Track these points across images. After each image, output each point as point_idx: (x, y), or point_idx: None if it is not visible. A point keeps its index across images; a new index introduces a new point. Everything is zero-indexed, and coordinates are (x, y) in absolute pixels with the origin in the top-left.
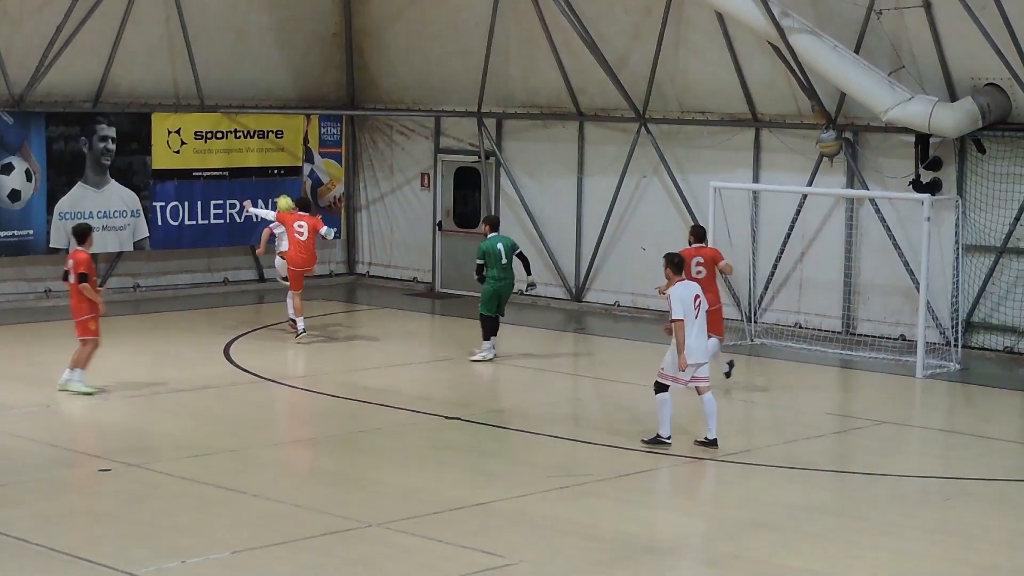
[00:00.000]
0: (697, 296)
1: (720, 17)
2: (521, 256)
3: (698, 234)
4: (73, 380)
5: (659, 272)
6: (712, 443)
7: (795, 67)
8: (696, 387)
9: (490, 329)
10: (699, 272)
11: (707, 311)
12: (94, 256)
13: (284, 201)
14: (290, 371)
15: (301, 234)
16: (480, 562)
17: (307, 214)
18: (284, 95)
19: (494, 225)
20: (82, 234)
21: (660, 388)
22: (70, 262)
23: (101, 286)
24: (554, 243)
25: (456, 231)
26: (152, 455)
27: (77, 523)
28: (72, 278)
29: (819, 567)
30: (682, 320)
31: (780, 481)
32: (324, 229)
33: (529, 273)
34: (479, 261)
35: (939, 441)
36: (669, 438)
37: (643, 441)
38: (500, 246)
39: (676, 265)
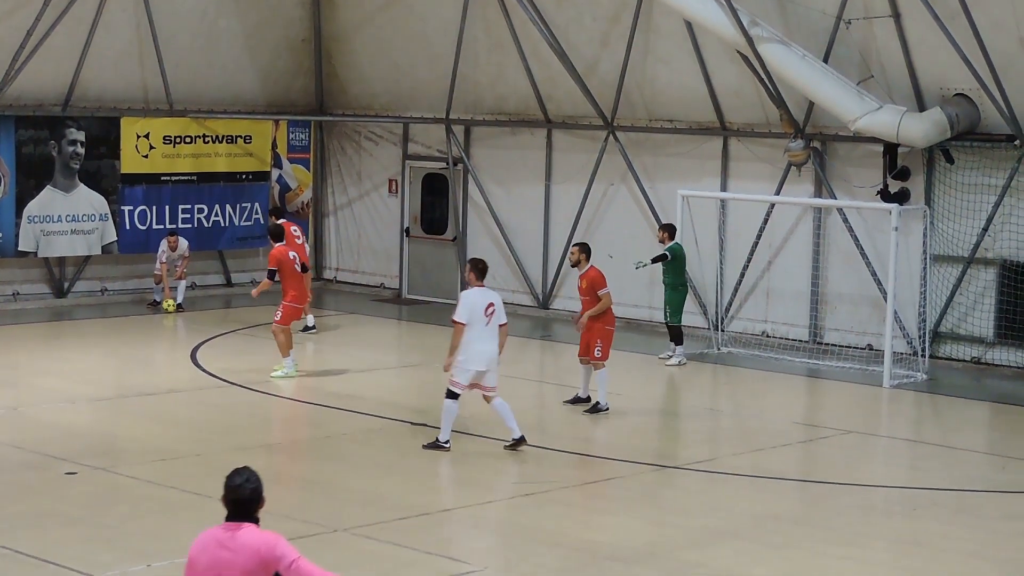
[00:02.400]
0: (491, 304)
1: (689, 25)
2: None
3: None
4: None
5: (626, 280)
6: (521, 440)
7: (764, 76)
8: (483, 395)
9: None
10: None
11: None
12: (61, 260)
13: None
14: (257, 376)
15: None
16: (446, 568)
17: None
18: (253, 100)
19: (672, 233)
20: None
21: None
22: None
23: (69, 291)
24: (521, 250)
25: (424, 237)
26: (118, 458)
27: (43, 526)
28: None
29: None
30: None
31: (746, 490)
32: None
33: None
34: (664, 256)
35: (905, 451)
36: (447, 443)
37: (423, 446)
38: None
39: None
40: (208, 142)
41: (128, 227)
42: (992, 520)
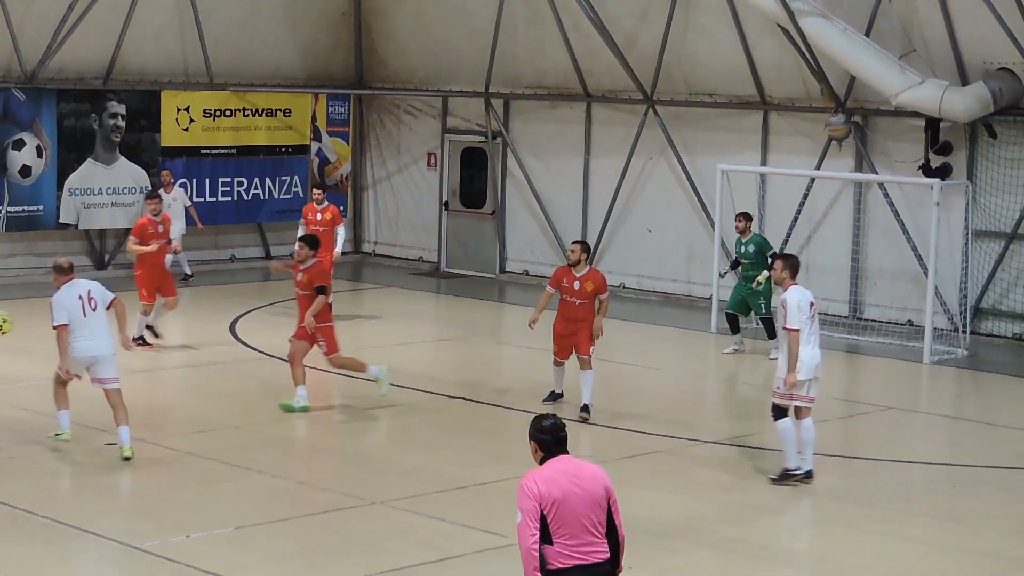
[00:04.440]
0: (812, 303)
1: None
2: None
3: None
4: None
5: (664, 253)
6: (807, 476)
7: (804, 50)
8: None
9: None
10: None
11: None
12: (102, 232)
13: None
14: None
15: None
16: (482, 541)
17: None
18: (292, 74)
19: (750, 220)
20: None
21: (779, 412)
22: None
23: (109, 263)
24: (560, 224)
25: (462, 211)
26: (157, 431)
27: (83, 496)
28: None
29: (823, 552)
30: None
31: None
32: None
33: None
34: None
35: (946, 427)
36: (798, 469)
37: (771, 479)
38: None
39: (793, 268)
40: (248, 115)
41: None
42: None
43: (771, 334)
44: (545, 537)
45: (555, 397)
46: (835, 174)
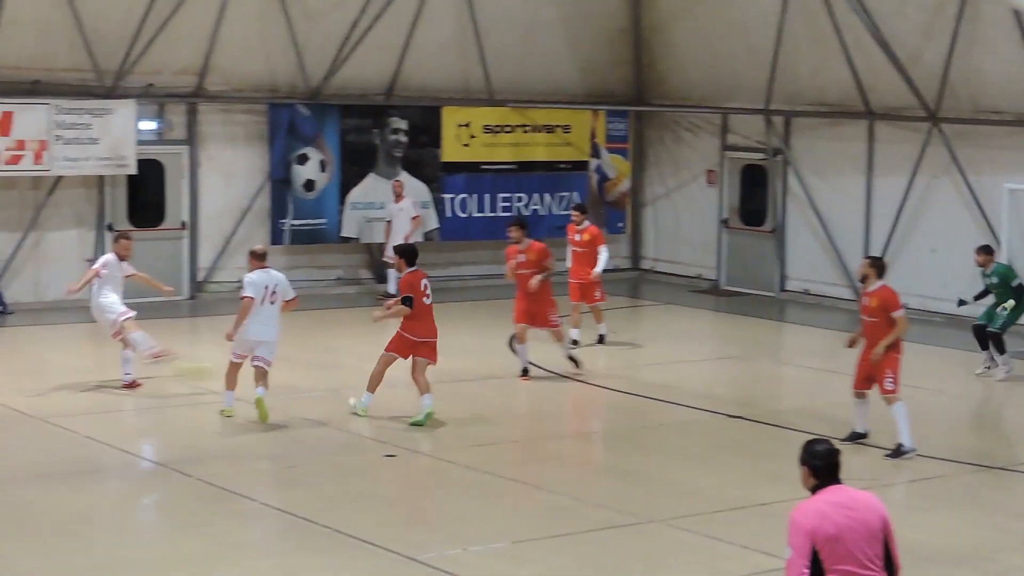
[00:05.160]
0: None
1: (1017, 14)
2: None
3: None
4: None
5: (949, 274)
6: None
7: None
8: None
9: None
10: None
11: None
12: (382, 245)
13: None
14: (568, 364)
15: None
16: (761, 563)
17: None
18: (572, 90)
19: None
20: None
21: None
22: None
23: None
24: (841, 243)
25: (742, 228)
26: (436, 443)
27: (361, 507)
28: None
29: None
30: None
31: None
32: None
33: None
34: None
35: None
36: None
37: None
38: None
39: None
40: (528, 131)
41: (449, 214)
42: None
43: (999, 348)
44: (820, 573)
45: (855, 437)
46: None
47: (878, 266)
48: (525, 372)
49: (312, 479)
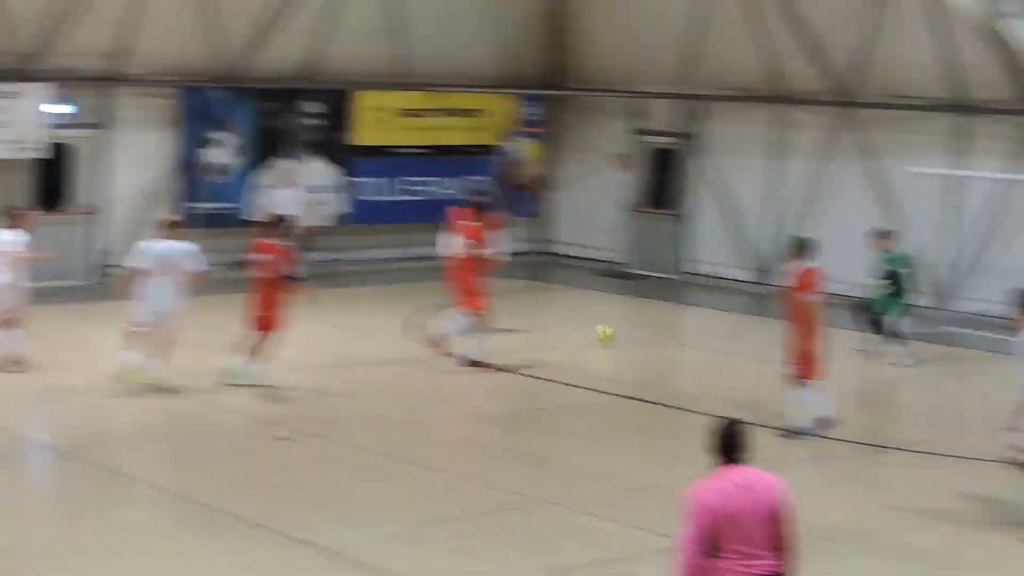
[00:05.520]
0: None
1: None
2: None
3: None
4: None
5: (858, 257)
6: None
7: (1008, 49)
8: None
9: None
10: None
11: None
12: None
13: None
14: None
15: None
16: (656, 544)
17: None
18: (488, 75)
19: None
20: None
21: None
22: None
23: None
24: (748, 226)
25: (651, 212)
26: (335, 426)
27: (257, 490)
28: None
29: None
30: None
31: (963, 472)
32: None
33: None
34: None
35: None
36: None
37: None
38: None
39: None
40: (443, 115)
41: (362, 198)
42: None
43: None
44: (713, 551)
45: (819, 425)
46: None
47: (797, 246)
48: (477, 363)
49: (208, 462)
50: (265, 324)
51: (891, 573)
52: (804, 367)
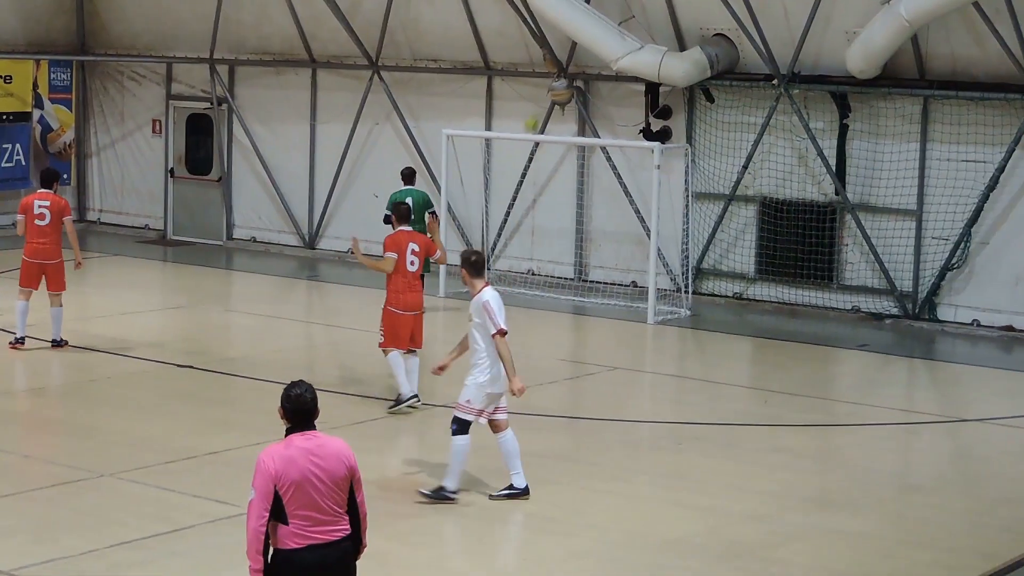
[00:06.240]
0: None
1: None
2: (433, 215)
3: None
4: None
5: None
6: (523, 492)
7: (527, 15)
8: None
9: None
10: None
11: None
12: None
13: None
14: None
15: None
16: (213, 511)
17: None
18: (12, 40)
19: (407, 178)
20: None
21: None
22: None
23: None
24: (287, 190)
25: (188, 178)
26: None
27: None
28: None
29: (551, 512)
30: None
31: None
32: None
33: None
34: (388, 212)
35: (670, 386)
36: (456, 493)
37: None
38: (410, 200)
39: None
40: None
41: None
42: (755, 452)
43: None
44: (280, 516)
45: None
46: (558, 138)
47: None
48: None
49: None
50: None
51: (453, 527)
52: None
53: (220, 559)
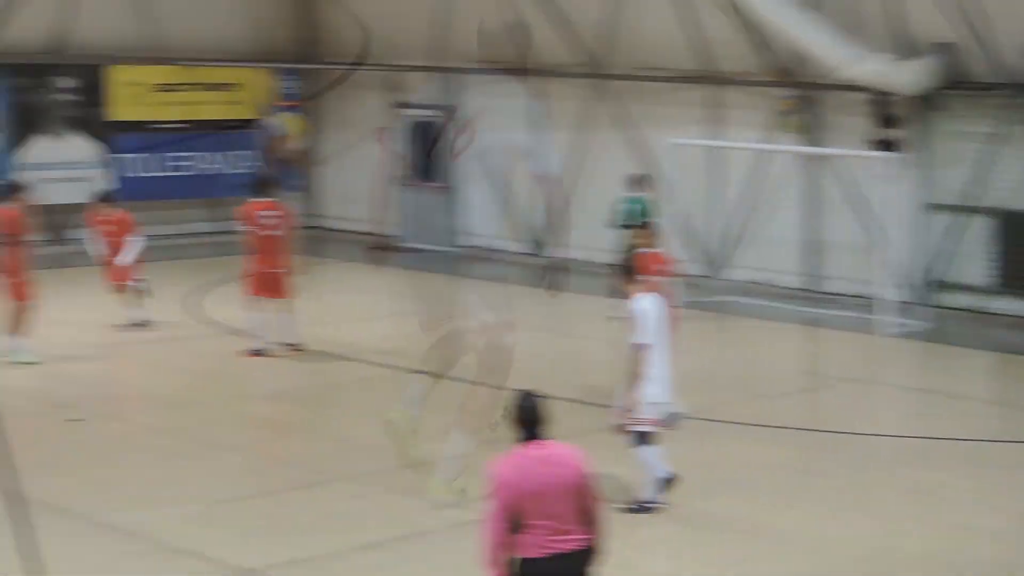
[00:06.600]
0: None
1: None
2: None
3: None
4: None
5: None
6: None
7: (750, 23)
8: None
9: None
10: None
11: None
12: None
13: None
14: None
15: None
16: (453, 516)
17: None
18: (242, 49)
19: (636, 183)
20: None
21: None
22: None
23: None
24: (516, 198)
25: (416, 184)
26: (123, 406)
27: (48, 472)
28: None
29: (788, 525)
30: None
31: (748, 439)
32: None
33: None
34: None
35: (908, 400)
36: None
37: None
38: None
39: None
40: (199, 90)
41: (126, 175)
42: (997, 469)
43: None
44: (519, 526)
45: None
46: (786, 147)
47: None
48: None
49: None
50: (18, 293)
51: (690, 539)
52: None
53: (461, 564)
